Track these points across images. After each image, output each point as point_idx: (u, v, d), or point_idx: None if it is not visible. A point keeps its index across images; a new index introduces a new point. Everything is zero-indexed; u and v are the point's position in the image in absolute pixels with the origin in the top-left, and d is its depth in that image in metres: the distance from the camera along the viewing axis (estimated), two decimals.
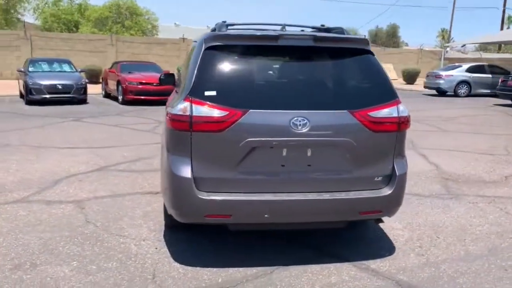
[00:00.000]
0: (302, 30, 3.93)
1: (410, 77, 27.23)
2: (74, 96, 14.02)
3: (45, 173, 5.86)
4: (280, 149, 3.20)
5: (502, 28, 38.64)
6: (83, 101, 14.29)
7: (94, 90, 17.16)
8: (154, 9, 59.38)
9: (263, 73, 3.41)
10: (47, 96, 13.63)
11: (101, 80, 17.89)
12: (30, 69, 14.70)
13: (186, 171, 3.18)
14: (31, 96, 13.66)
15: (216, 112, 3.12)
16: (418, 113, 12.68)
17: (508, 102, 16.96)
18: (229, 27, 3.52)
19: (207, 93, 3.16)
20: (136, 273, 3.27)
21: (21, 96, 14.96)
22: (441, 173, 6.36)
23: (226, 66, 3.29)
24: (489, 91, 19.67)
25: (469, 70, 20.46)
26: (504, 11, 39.39)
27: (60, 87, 13.86)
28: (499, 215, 4.65)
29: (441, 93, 20.67)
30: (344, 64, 3.54)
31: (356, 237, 4.03)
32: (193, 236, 3.89)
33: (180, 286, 3.11)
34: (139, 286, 3.10)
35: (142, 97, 14.02)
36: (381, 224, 4.27)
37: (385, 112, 3.33)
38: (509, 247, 3.88)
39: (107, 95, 16.36)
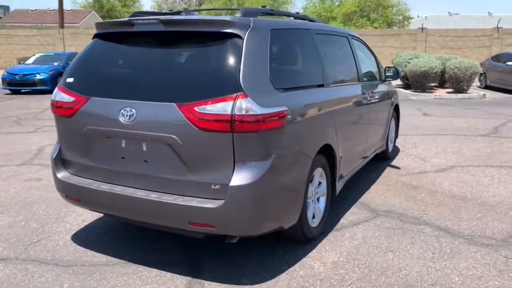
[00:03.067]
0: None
1: None
2: None
3: None
4: (118, 140, 3.08)
5: None
6: None
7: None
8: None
9: (116, 60, 3.27)
10: None
11: None
12: None
13: (53, 153, 3.45)
14: None
15: (66, 98, 3.27)
16: None
17: None
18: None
19: (68, 80, 3.33)
20: (33, 235, 3.77)
21: None
22: None
23: (92, 53, 3.37)
24: None
25: None
26: None
27: None
28: None
29: None
30: (193, 50, 3.04)
31: (254, 254, 3.37)
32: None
33: (39, 254, 3.43)
34: (17, 244, 3.59)
35: None
36: (324, 253, 3.46)
37: (215, 107, 2.74)
38: None
39: None
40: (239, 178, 2.76)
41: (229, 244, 3.17)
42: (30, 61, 17.17)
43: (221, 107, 2.72)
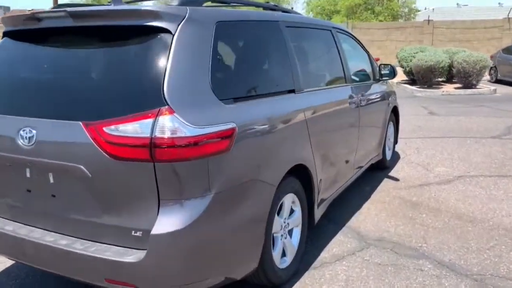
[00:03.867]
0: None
1: None
2: None
3: None
4: (21, 168, 2.38)
5: None
6: None
7: None
8: None
9: (21, 65, 2.57)
10: None
11: None
12: None
13: None
14: None
15: None
16: None
17: None
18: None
19: None
20: None
21: None
22: None
23: None
24: None
25: None
26: None
27: None
28: None
29: None
30: (109, 52, 2.32)
31: None
32: None
33: None
34: None
35: None
36: None
37: (130, 127, 2.03)
38: None
39: None
40: (165, 223, 2.05)
41: None
42: None
43: (138, 128, 2.02)
